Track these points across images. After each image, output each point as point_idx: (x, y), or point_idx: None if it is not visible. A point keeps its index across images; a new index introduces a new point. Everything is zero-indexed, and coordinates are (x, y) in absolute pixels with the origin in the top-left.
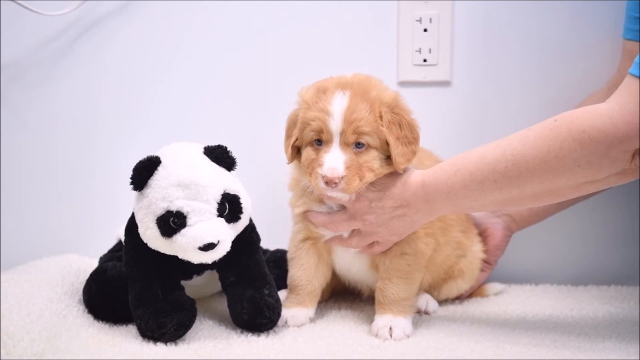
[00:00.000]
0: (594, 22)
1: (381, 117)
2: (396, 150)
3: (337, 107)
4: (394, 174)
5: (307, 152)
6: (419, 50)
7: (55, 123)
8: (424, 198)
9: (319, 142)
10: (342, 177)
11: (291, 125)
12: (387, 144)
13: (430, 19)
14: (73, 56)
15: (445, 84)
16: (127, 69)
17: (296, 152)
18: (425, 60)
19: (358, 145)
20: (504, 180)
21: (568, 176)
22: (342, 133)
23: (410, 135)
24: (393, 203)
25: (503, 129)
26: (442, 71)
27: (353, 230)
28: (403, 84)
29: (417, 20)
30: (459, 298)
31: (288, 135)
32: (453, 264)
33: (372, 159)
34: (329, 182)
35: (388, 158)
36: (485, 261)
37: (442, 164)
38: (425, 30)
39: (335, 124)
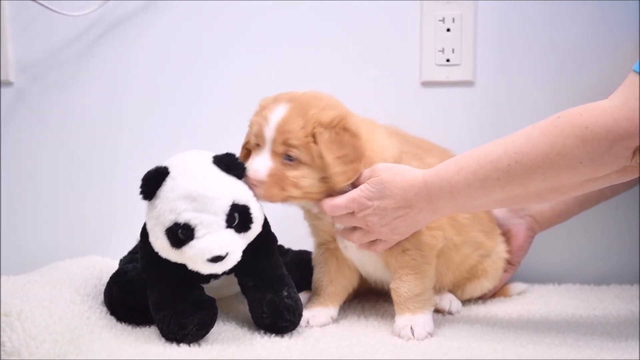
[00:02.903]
0: (617, 22)
1: (314, 136)
2: (334, 169)
3: (274, 117)
4: (397, 175)
5: (246, 152)
6: (442, 50)
7: (76, 124)
8: (426, 197)
9: (259, 146)
10: (262, 182)
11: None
12: (322, 162)
13: (453, 19)
14: (95, 57)
15: (468, 83)
16: (149, 69)
17: (248, 153)
18: (448, 60)
19: (289, 157)
20: (507, 178)
21: (571, 173)
22: (274, 141)
23: (352, 153)
24: (395, 204)
25: None
26: (465, 71)
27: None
28: (426, 84)
29: (440, 20)
30: (483, 298)
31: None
32: (476, 264)
33: (302, 176)
34: (250, 183)
35: (327, 178)
36: (509, 262)
37: (445, 163)
38: (448, 30)
39: (268, 131)
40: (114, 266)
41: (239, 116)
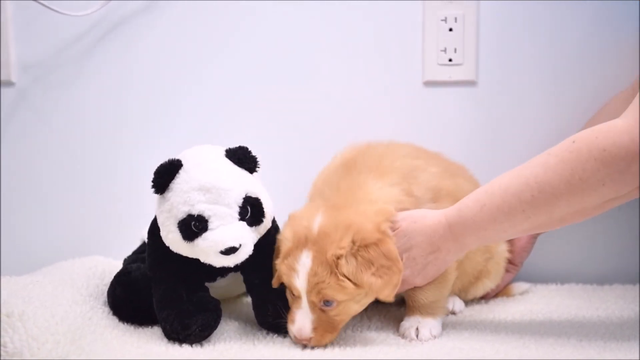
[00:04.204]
0: (619, 22)
1: (343, 273)
2: (376, 286)
3: (302, 268)
4: (418, 222)
5: (288, 294)
6: (444, 50)
7: (80, 124)
8: (452, 238)
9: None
10: (310, 338)
11: (277, 253)
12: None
13: (456, 19)
14: (97, 57)
15: (470, 83)
16: (152, 69)
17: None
18: (450, 60)
19: (326, 303)
20: (532, 208)
21: (594, 196)
22: (308, 293)
23: (386, 261)
24: (422, 251)
25: (529, 128)
26: (468, 71)
27: None
28: (428, 83)
29: (442, 20)
30: (485, 297)
31: (276, 257)
32: (482, 268)
33: (346, 309)
34: (298, 341)
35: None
36: (511, 262)
37: (465, 201)
38: (450, 29)
39: (300, 284)
40: (116, 266)
41: (241, 116)
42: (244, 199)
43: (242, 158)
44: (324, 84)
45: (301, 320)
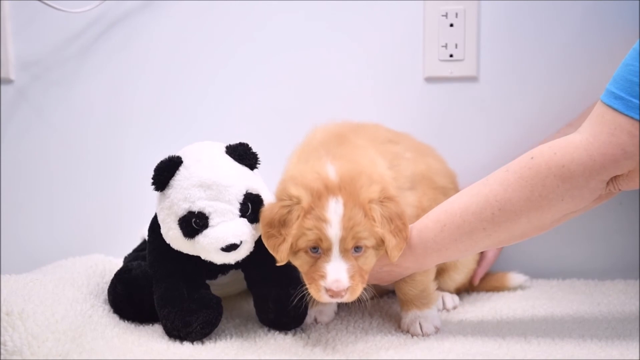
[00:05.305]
0: (621, 18)
1: (373, 216)
2: (391, 244)
3: (334, 215)
4: None
5: (303, 259)
6: (445, 46)
7: (79, 122)
8: (412, 258)
9: (315, 249)
10: (347, 289)
11: (276, 224)
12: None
13: (457, 14)
14: (96, 54)
15: (471, 79)
16: (151, 66)
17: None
18: (451, 56)
19: (357, 249)
20: (493, 226)
21: (554, 211)
22: (342, 240)
23: (400, 223)
24: (380, 265)
25: (529, 124)
26: (469, 66)
27: None
28: (429, 79)
29: (443, 16)
30: (480, 288)
31: (272, 235)
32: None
33: (370, 259)
34: (335, 295)
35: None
36: None
37: (425, 222)
38: (451, 25)
39: (333, 232)
40: (116, 264)
41: (243, 111)
42: (244, 195)
43: (243, 154)
44: (325, 81)
45: (336, 270)
